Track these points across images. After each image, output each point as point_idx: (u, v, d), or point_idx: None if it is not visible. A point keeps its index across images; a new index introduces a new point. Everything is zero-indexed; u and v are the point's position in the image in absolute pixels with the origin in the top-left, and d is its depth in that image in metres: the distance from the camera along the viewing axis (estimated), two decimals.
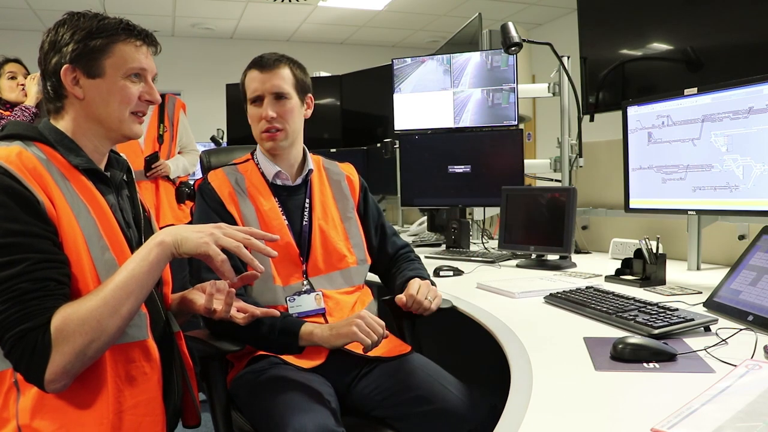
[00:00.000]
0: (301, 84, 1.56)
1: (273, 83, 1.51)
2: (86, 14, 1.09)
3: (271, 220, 1.52)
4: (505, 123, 2.59)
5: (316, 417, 1.21)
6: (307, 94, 1.59)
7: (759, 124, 1.44)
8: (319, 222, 1.57)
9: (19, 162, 0.97)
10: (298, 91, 1.55)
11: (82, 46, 1.05)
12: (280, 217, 1.53)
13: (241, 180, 1.56)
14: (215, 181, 1.55)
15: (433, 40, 7.18)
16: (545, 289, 1.61)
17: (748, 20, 1.95)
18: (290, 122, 1.53)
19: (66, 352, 0.92)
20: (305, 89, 1.58)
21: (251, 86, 1.53)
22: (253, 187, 1.55)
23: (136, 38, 1.10)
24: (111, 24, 1.08)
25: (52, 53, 1.07)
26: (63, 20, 1.08)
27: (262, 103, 1.52)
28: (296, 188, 1.59)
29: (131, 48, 1.09)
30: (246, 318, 1.21)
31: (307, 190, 1.60)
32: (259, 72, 1.52)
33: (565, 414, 0.85)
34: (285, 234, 1.51)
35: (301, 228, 1.55)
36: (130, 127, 1.12)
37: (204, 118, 5.45)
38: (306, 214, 1.57)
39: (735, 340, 1.13)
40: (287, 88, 1.52)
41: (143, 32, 1.12)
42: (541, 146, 6.63)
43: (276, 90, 1.51)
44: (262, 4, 6.14)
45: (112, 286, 0.97)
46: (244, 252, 1.04)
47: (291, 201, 1.57)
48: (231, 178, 1.56)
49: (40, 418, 0.97)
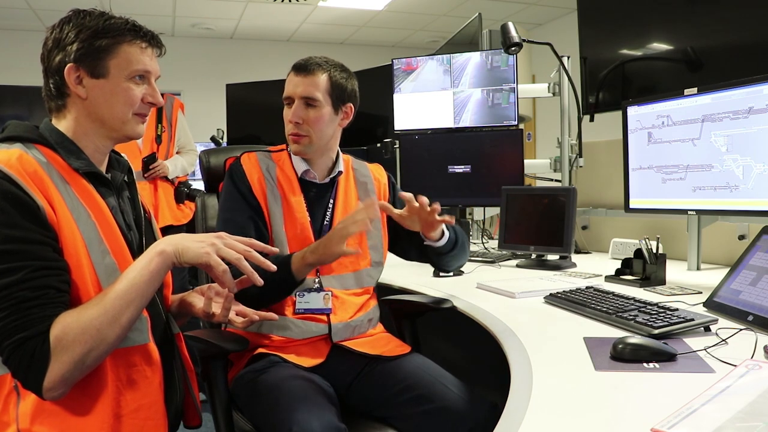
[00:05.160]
0: (338, 93, 1.52)
1: (304, 88, 1.49)
2: (92, 12, 1.08)
3: (295, 213, 1.52)
4: (505, 123, 2.59)
5: (319, 414, 1.21)
6: (347, 103, 1.55)
7: (759, 124, 1.44)
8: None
9: (19, 166, 0.96)
10: (333, 99, 1.51)
11: (88, 46, 1.04)
12: (304, 212, 1.53)
13: (273, 168, 1.56)
14: (247, 164, 1.54)
15: (433, 40, 7.17)
16: (545, 289, 1.61)
17: (748, 20, 1.95)
18: (316, 130, 1.50)
19: (65, 361, 0.92)
20: (343, 98, 1.54)
21: (286, 87, 1.52)
22: (283, 177, 1.55)
23: (142, 40, 1.09)
24: (117, 24, 1.07)
25: (56, 51, 1.05)
26: (68, 18, 1.07)
27: (293, 105, 1.51)
28: (324, 186, 1.59)
29: (137, 49, 1.08)
30: (245, 322, 1.21)
31: (333, 190, 1.60)
32: (295, 74, 1.51)
33: (565, 414, 0.85)
34: (306, 230, 1.52)
35: (322, 226, 1.55)
36: (133, 127, 1.11)
37: (204, 118, 5.45)
38: (329, 213, 1.57)
39: (735, 340, 1.13)
40: (318, 95, 1.49)
41: (149, 33, 1.11)
42: (541, 146, 6.62)
43: (305, 95, 1.49)
44: (262, 4, 6.14)
45: (113, 295, 0.97)
46: (244, 264, 1.03)
47: (317, 199, 1.57)
48: (263, 164, 1.55)
49: (40, 423, 0.97)
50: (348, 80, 1.55)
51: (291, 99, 1.51)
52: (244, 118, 4.01)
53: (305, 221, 1.52)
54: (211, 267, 1.01)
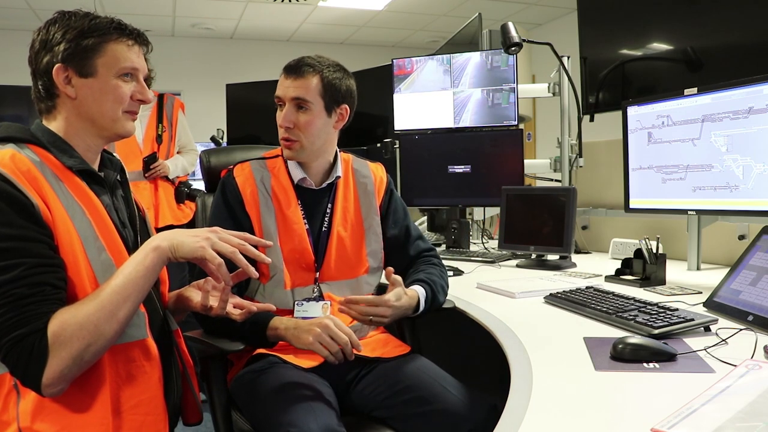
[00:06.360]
0: (331, 94, 1.47)
1: (295, 91, 1.45)
2: (77, 13, 1.08)
3: (292, 225, 1.50)
4: (505, 123, 2.58)
5: (319, 416, 1.21)
6: (341, 104, 1.50)
7: (759, 124, 1.43)
8: (338, 228, 1.55)
9: (12, 165, 0.97)
10: (326, 101, 1.47)
11: (75, 45, 1.05)
12: (301, 222, 1.51)
13: (267, 178, 1.53)
14: (240, 177, 1.52)
15: (433, 40, 7.17)
16: (545, 289, 1.61)
17: (748, 20, 1.96)
18: (307, 135, 1.47)
19: (63, 356, 0.92)
20: (337, 99, 1.49)
21: (278, 88, 1.49)
22: (278, 186, 1.52)
23: (127, 37, 1.10)
24: (103, 23, 1.08)
25: (44, 52, 1.06)
26: (54, 19, 1.08)
27: (284, 107, 1.48)
28: (321, 192, 1.56)
29: (123, 47, 1.09)
30: (242, 314, 1.20)
31: (331, 195, 1.57)
32: (285, 76, 1.48)
33: (565, 414, 0.85)
34: (303, 240, 1.50)
35: (320, 233, 1.53)
36: (123, 125, 1.12)
37: (204, 118, 5.45)
38: (327, 219, 1.54)
39: (735, 340, 1.13)
40: (309, 98, 1.45)
41: (135, 31, 1.12)
42: (541, 146, 6.62)
43: (296, 98, 1.45)
44: (262, 4, 6.14)
45: (109, 290, 0.97)
46: (239, 257, 1.05)
47: (314, 205, 1.55)
48: (257, 175, 1.52)
49: (41, 421, 0.97)
50: (342, 80, 1.50)
51: (282, 101, 1.48)
52: (244, 118, 4.01)
53: (302, 232, 1.51)
54: (206, 261, 1.02)
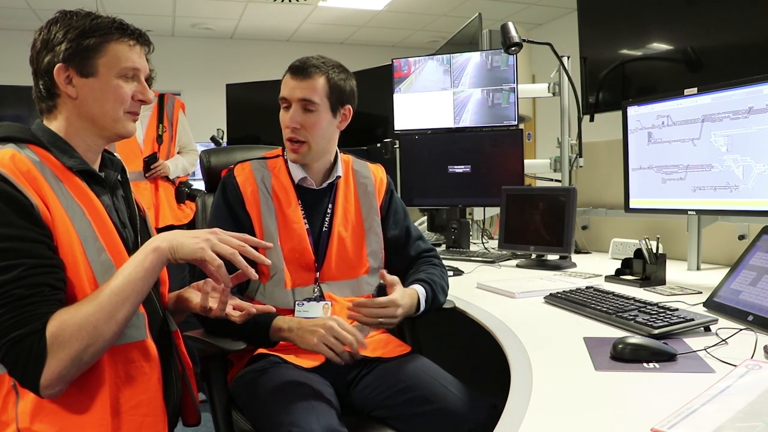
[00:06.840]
0: (336, 95, 1.49)
1: (302, 92, 1.45)
2: (79, 13, 1.08)
3: (292, 224, 1.50)
4: (505, 123, 2.58)
5: (320, 416, 1.21)
6: (345, 105, 1.52)
7: (759, 124, 1.44)
8: (339, 228, 1.55)
9: (12, 165, 0.97)
10: (332, 102, 1.48)
11: (76, 45, 1.05)
12: (301, 222, 1.51)
13: (268, 178, 1.53)
14: (241, 177, 1.52)
15: (433, 40, 7.17)
16: (545, 289, 1.61)
17: (748, 20, 1.96)
18: (314, 135, 1.48)
19: (62, 357, 0.92)
20: (342, 100, 1.51)
21: (283, 89, 1.49)
22: (279, 186, 1.53)
23: (129, 37, 1.10)
24: (104, 23, 1.08)
25: (45, 52, 1.06)
26: (55, 19, 1.07)
27: (290, 108, 1.48)
28: (321, 192, 1.57)
29: (124, 47, 1.09)
30: (242, 316, 1.20)
31: (331, 195, 1.58)
32: (292, 77, 1.47)
33: (565, 414, 0.85)
34: (303, 239, 1.50)
35: (320, 233, 1.53)
36: (124, 125, 1.12)
37: (204, 118, 5.45)
38: (327, 219, 1.55)
39: (735, 340, 1.13)
40: (316, 99, 1.45)
41: (136, 31, 1.11)
42: (541, 146, 6.62)
43: (303, 99, 1.45)
44: (262, 4, 6.14)
45: (108, 291, 0.97)
46: (238, 259, 1.04)
47: (314, 204, 1.55)
48: (258, 174, 1.53)
49: (40, 421, 0.97)
50: (346, 81, 1.52)
51: (288, 102, 1.48)
52: (244, 118, 4.01)
53: (302, 231, 1.51)
54: (206, 262, 1.02)
